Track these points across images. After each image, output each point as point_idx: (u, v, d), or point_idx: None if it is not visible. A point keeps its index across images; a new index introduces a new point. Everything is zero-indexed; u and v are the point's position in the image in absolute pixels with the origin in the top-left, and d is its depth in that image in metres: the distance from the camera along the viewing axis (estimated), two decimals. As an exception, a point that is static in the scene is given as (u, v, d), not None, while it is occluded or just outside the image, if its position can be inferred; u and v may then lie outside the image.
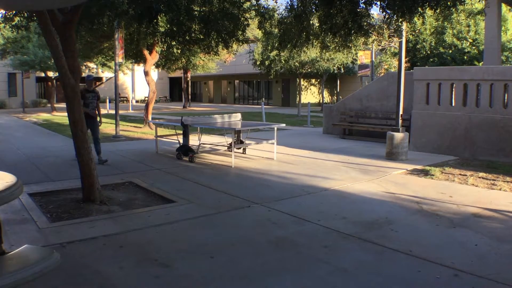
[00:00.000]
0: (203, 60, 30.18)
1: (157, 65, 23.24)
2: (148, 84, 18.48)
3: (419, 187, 7.99)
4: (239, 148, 11.49)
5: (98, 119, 10.27)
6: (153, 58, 17.89)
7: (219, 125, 11.51)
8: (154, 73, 40.98)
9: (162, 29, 9.98)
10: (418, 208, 6.59)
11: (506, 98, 10.84)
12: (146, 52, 17.38)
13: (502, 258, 4.66)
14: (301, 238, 5.26)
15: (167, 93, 56.07)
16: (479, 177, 8.75)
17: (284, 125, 12.52)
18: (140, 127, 18.71)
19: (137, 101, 48.53)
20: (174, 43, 10.43)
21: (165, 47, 14.38)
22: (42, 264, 2.84)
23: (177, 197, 7.00)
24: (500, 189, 7.83)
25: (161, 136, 12.24)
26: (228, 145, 11.37)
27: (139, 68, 32.54)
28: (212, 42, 9.58)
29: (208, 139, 13.62)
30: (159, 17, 8.70)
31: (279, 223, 5.81)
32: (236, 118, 12.08)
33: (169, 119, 15.86)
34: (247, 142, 11.59)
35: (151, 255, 4.61)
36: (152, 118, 18.68)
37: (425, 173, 9.19)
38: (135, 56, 18.85)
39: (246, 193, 7.33)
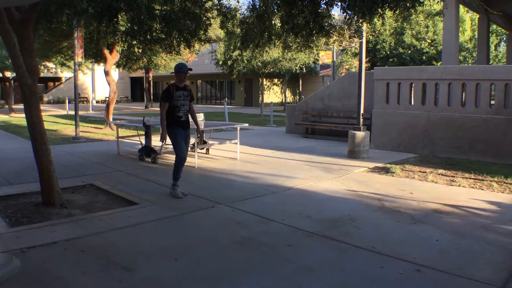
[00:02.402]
0: (164, 60, 29.86)
1: (118, 65, 22.87)
2: (108, 84, 18.18)
3: (380, 184, 8.13)
4: (202, 149, 11.42)
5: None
6: (113, 57, 17.61)
7: (182, 125, 11.41)
8: (115, 73, 40.36)
9: (122, 28, 9.81)
10: (380, 205, 6.70)
11: (463, 97, 11.15)
12: (106, 52, 17.09)
13: (463, 253, 4.79)
14: (266, 237, 5.27)
15: (128, 93, 55.30)
16: (439, 174, 8.97)
17: (247, 125, 12.54)
18: (101, 128, 18.39)
19: (97, 102, 47.71)
20: (135, 42, 10.27)
21: (125, 46, 14.17)
22: (2, 271, 2.76)
23: (140, 199, 6.90)
24: (459, 185, 8.04)
25: (123, 137, 12.07)
26: (191, 146, 11.29)
27: (99, 68, 31.98)
28: (174, 41, 9.47)
29: (171, 140, 13.47)
30: (119, 16, 8.54)
31: (243, 223, 5.80)
32: (199, 118, 11.99)
33: (130, 120, 15.65)
34: (210, 142, 11.54)
35: (114, 259, 4.53)
36: (113, 119, 18.38)
37: (386, 170, 9.35)
38: (95, 55, 18.51)
39: (210, 193, 7.29)
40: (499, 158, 10.39)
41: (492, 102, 11.10)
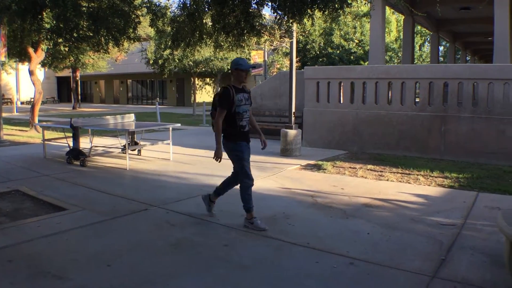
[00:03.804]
0: (92, 59, 29.06)
1: (43, 64, 22.00)
2: (33, 84, 17.41)
3: (313, 181, 8.28)
4: (134, 150, 11.19)
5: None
6: (38, 56, 16.91)
7: (112, 126, 11.12)
8: (41, 73, 38.78)
9: (47, 26, 9.41)
10: (313, 201, 6.83)
11: (390, 95, 11.58)
12: (31, 50, 16.37)
13: (393, 244, 4.97)
14: (201, 238, 5.23)
15: (54, 93, 53.31)
16: (368, 169, 9.26)
17: (179, 125, 12.39)
18: (26, 131, 17.58)
19: (22, 103, 45.55)
20: (60, 40, 9.87)
21: (51, 44, 13.62)
22: None
23: (69, 204, 6.63)
24: (387, 180, 8.34)
25: (49, 140, 11.58)
26: (122, 147, 11.03)
27: (24, 67, 30.57)
28: (102, 39, 9.20)
29: (101, 142, 13.12)
30: (44, 13, 8.20)
31: (178, 225, 5.73)
32: (130, 119, 11.75)
33: (57, 121, 15.10)
34: (142, 143, 11.32)
35: (43, 268, 4.33)
36: (39, 121, 17.60)
37: (318, 167, 9.54)
38: (19, 54, 17.68)
39: (143, 195, 7.14)
40: (425, 153, 10.88)
41: (417, 99, 11.59)
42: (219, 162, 5.68)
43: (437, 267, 4.32)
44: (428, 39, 40.42)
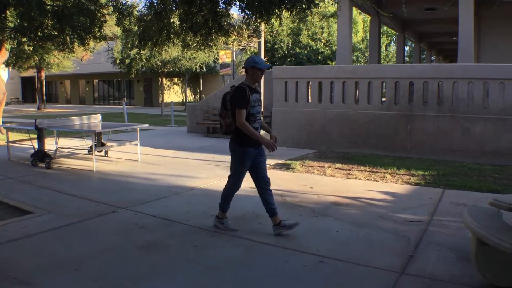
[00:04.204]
0: (58, 58, 28.49)
1: (7, 64, 21.45)
2: (-4, 84, 16.97)
3: (282, 180, 8.30)
4: (101, 151, 11.02)
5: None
6: (2, 56, 16.42)
7: (78, 127, 10.92)
8: (4, 73, 37.76)
9: (11, 25, 9.20)
10: (282, 200, 6.85)
11: (357, 94, 11.71)
12: (-6, 50, 15.95)
13: (362, 242, 5.03)
14: (171, 240, 5.18)
15: (19, 94, 52.11)
16: (336, 168, 9.34)
17: (147, 125, 12.26)
18: (-11, 132, 17.12)
19: (-17, 104, 44.38)
20: (25, 39, 9.67)
21: (15, 44, 13.32)
22: None
23: (34, 208, 6.48)
24: (355, 178, 8.43)
25: (14, 142, 11.31)
26: (89, 148, 10.85)
27: (-15, 68, 29.81)
28: (67, 38, 9.05)
29: (67, 143, 12.88)
30: (7, 12, 8.01)
31: (147, 227, 5.66)
32: (96, 120, 11.56)
33: (22, 123, 14.75)
34: (109, 144, 11.16)
35: (8, 273, 4.21)
36: (3, 122, 17.16)
37: (286, 167, 9.58)
38: (-18, 54, 17.21)
39: (110, 197, 7.03)
40: (391, 151, 11.04)
41: (384, 99, 11.77)
42: (276, 149, 5.42)
43: (405, 263, 4.39)
44: (394, 39, 41.05)
